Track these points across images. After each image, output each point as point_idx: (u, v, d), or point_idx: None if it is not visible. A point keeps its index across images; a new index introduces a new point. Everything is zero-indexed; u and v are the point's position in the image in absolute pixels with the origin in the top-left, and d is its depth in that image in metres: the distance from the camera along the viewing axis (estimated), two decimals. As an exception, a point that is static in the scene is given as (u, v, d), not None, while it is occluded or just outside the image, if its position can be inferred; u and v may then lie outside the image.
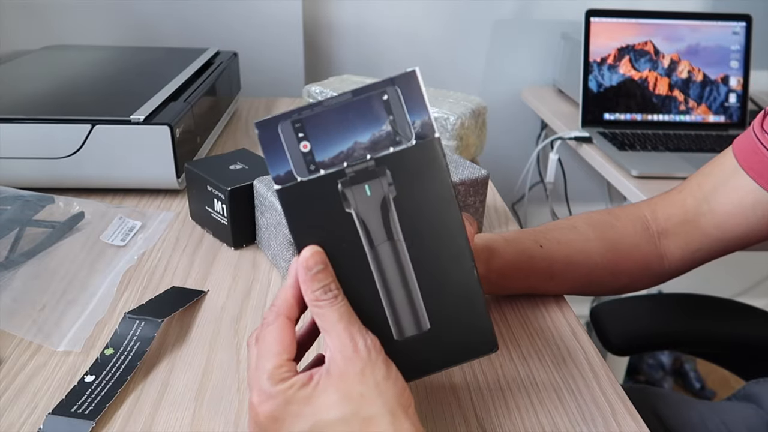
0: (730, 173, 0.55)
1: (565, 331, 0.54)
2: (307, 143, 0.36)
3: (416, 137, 0.36)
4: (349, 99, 0.36)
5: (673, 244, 0.58)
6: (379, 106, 0.36)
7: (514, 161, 1.53)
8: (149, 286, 0.58)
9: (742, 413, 0.71)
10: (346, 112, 0.36)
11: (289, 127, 0.36)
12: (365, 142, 0.36)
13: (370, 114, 0.36)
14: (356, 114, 0.36)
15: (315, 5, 1.35)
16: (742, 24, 1.25)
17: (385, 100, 0.36)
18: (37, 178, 0.72)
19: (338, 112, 0.36)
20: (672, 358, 1.66)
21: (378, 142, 0.36)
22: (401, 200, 0.37)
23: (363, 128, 0.36)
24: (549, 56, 1.47)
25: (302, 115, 0.36)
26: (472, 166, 0.66)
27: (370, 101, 0.36)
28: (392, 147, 0.36)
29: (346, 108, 0.36)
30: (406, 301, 0.38)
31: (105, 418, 0.43)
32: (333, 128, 0.36)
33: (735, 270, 1.79)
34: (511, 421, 0.44)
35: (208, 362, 0.49)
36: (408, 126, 0.36)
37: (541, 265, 0.55)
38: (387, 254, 0.37)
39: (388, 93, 0.36)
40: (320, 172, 0.36)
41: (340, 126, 0.36)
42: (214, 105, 0.92)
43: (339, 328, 0.35)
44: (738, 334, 0.84)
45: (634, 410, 0.46)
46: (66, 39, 1.21)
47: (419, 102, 0.36)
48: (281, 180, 0.36)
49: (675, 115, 1.25)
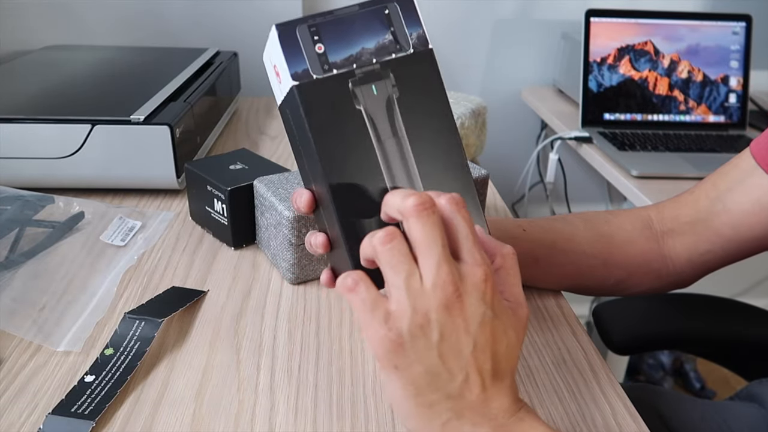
0: (748, 172, 0.55)
1: (565, 331, 0.54)
2: (321, 45, 0.40)
3: (413, 47, 0.41)
4: (356, 11, 0.40)
5: (680, 245, 0.58)
6: (382, 18, 0.41)
7: (514, 161, 1.53)
8: (149, 286, 0.58)
9: (744, 413, 0.71)
10: (354, 22, 0.40)
11: (306, 30, 0.40)
12: (371, 48, 0.40)
13: (374, 24, 0.41)
14: (362, 24, 0.40)
15: (315, 5, 1.35)
16: (742, 24, 1.25)
17: (387, 13, 0.41)
18: (37, 178, 0.72)
19: (347, 21, 0.40)
20: (672, 358, 1.66)
21: (382, 49, 0.41)
22: (403, 101, 0.41)
23: (369, 36, 0.41)
24: (549, 56, 1.47)
25: (317, 21, 0.40)
26: (472, 166, 0.66)
27: (374, 13, 0.41)
28: (394, 54, 0.41)
29: (354, 18, 0.40)
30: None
31: (105, 418, 0.43)
32: (343, 34, 0.40)
33: (735, 270, 1.78)
34: (511, 421, 0.44)
35: (208, 362, 0.49)
36: (406, 37, 0.41)
37: (522, 246, 0.54)
38: (392, 149, 0.41)
39: (389, 8, 0.41)
40: (333, 71, 0.40)
41: (349, 33, 0.40)
42: (214, 105, 0.92)
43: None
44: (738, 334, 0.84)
45: (634, 410, 0.46)
46: (66, 39, 1.21)
47: (414, 18, 0.42)
48: (298, 77, 0.39)
49: (675, 115, 1.25)
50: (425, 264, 0.33)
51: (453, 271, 0.33)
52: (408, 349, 0.33)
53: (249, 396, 0.45)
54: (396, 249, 0.34)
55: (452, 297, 0.33)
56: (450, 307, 0.33)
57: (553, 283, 0.59)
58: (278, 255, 0.59)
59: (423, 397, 0.34)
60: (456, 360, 0.33)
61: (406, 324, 0.33)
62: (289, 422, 0.43)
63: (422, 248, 0.33)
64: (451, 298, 0.33)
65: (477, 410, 0.34)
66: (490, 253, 0.37)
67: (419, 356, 0.33)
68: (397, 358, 0.33)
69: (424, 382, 0.34)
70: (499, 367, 0.35)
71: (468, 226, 0.34)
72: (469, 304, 0.33)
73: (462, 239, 0.34)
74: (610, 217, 0.59)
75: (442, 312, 0.33)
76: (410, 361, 0.33)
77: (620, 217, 0.59)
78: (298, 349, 0.51)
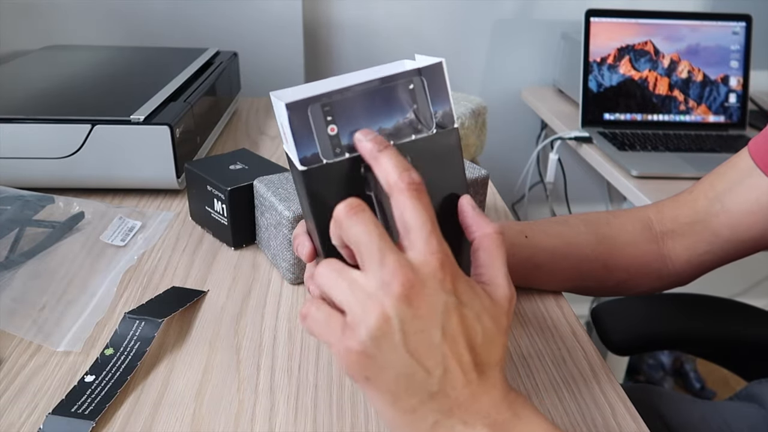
0: (746, 173, 0.55)
1: (565, 331, 0.54)
2: (334, 126, 0.36)
3: (437, 126, 0.37)
4: (377, 86, 0.36)
5: (679, 245, 0.58)
6: (404, 95, 0.37)
7: (514, 161, 1.53)
8: (149, 286, 0.58)
9: (744, 413, 0.71)
10: (373, 99, 0.36)
11: (319, 110, 0.35)
12: (389, 128, 0.37)
13: (396, 102, 0.37)
14: (382, 101, 0.37)
15: (315, 5, 1.35)
16: (742, 24, 1.25)
17: (411, 89, 0.37)
18: (37, 178, 0.72)
19: (365, 98, 0.36)
20: (672, 358, 1.66)
21: (401, 129, 0.37)
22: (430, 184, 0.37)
23: (388, 115, 0.37)
24: (549, 56, 1.47)
25: (332, 99, 0.36)
26: (472, 166, 0.66)
27: (396, 89, 0.37)
28: (414, 135, 0.37)
29: (373, 94, 0.36)
30: None
31: (105, 418, 0.43)
32: (360, 113, 0.36)
33: (735, 270, 1.78)
34: (511, 421, 0.44)
35: (208, 362, 0.49)
36: (430, 115, 0.37)
37: (524, 253, 0.54)
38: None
39: (414, 82, 0.37)
40: (345, 155, 0.36)
41: (366, 111, 0.36)
42: (214, 105, 0.92)
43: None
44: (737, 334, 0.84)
45: (634, 410, 0.46)
46: (66, 39, 1.21)
47: (443, 93, 0.37)
48: (307, 161, 0.35)
49: (675, 115, 1.25)
50: (367, 264, 0.32)
51: (402, 262, 0.31)
52: (373, 355, 0.31)
53: (249, 396, 0.45)
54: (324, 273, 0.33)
55: (406, 288, 0.31)
56: (406, 298, 0.31)
57: (554, 286, 0.59)
58: (278, 255, 0.59)
59: (403, 402, 0.32)
60: (428, 352, 0.31)
61: (363, 330, 0.31)
62: (289, 422, 0.43)
63: (360, 248, 0.32)
64: (405, 289, 0.31)
65: (466, 407, 0.32)
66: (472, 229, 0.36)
67: (387, 360, 0.31)
68: (365, 369, 0.31)
69: (401, 387, 0.32)
70: (480, 359, 0.33)
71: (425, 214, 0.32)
72: (426, 294, 0.31)
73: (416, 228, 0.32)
74: (611, 218, 0.59)
75: (399, 305, 0.31)
76: (380, 368, 0.31)
77: (621, 218, 0.59)
78: (298, 349, 0.51)
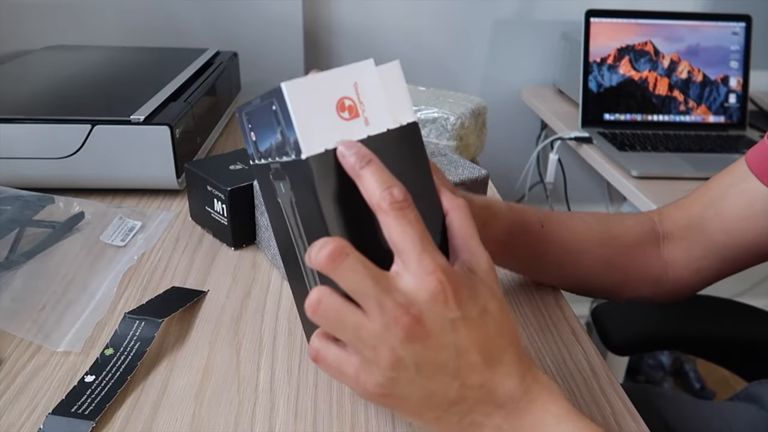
0: (740, 178, 0.55)
1: (565, 331, 0.54)
2: (254, 134, 0.38)
3: (294, 153, 0.34)
4: (259, 103, 0.36)
5: (677, 249, 0.58)
6: (271, 115, 0.35)
7: (514, 161, 1.53)
8: (149, 286, 0.58)
9: (744, 413, 0.71)
10: (261, 114, 0.36)
11: (243, 117, 0.39)
12: (275, 145, 0.36)
13: (270, 120, 0.36)
14: (266, 117, 0.36)
15: (315, 5, 1.35)
16: (741, 24, 1.25)
17: (275, 110, 0.35)
18: (37, 178, 0.72)
19: (258, 112, 0.37)
20: (672, 358, 1.66)
21: (279, 148, 0.36)
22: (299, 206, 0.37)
23: (271, 131, 0.36)
24: (549, 56, 1.47)
25: (246, 109, 0.38)
26: (472, 166, 0.66)
27: (267, 108, 0.36)
28: (285, 156, 0.35)
29: (260, 110, 0.36)
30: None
31: (105, 418, 0.43)
32: (262, 125, 0.37)
33: (735, 270, 1.79)
34: (511, 421, 0.44)
35: (208, 362, 0.49)
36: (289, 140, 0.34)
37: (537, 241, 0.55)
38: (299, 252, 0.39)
39: (275, 104, 0.34)
40: (261, 160, 0.39)
41: (263, 125, 0.37)
42: (214, 105, 0.92)
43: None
44: (738, 334, 0.84)
45: (634, 410, 0.46)
46: (66, 39, 1.21)
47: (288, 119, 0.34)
48: (250, 157, 0.40)
49: (675, 115, 1.25)
50: (367, 307, 0.32)
51: (399, 300, 0.31)
52: (392, 392, 0.33)
53: (249, 396, 0.45)
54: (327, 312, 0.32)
55: (410, 325, 0.31)
56: (412, 336, 0.32)
57: (558, 280, 0.59)
58: (278, 255, 0.59)
59: (426, 415, 0.35)
60: (443, 375, 0.33)
61: (378, 372, 0.33)
62: (289, 422, 0.43)
63: (356, 295, 0.32)
64: (409, 330, 0.31)
65: (485, 402, 0.35)
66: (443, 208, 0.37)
67: (406, 391, 0.33)
68: (388, 401, 0.34)
69: (423, 406, 0.34)
70: (492, 352, 0.34)
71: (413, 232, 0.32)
72: (432, 322, 0.32)
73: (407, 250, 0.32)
74: (622, 218, 0.60)
75: (407, 345, 0.32)
76: (401, 398, 0.34)
77: (632, 219, 0.60)
78: (298, 349, 0.51)
